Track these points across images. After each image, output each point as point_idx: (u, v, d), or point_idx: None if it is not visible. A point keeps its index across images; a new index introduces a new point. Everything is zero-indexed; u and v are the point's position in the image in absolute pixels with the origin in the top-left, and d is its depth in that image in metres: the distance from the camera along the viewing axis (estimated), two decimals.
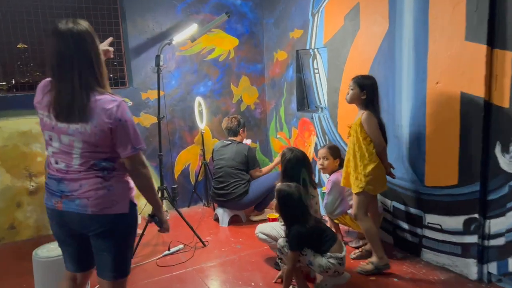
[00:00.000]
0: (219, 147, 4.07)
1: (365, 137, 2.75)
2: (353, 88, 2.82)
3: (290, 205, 2.55)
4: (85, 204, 1.71)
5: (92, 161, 1.70)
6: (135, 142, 1.71)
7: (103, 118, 1.64)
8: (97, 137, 1.66)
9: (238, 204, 3.90)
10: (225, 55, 4.55)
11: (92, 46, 1.68)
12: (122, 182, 1.77)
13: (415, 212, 3.06)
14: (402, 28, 2.98)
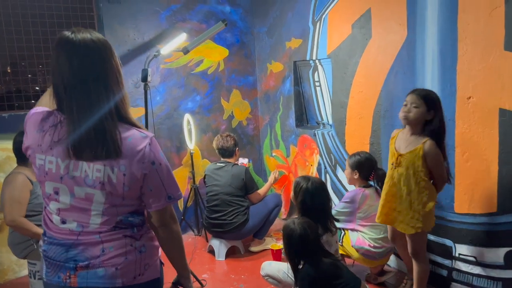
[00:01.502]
0: (212, 170, 3.62)
1: (426, 171, 2.28)
2: (418, 105, 2.21)
3: (293, 242, 2.17)
4: (112, 274, 1.28)
5: (118, 217, 1.31)
6: (171, 190, 1.33)
7: (135, 162, 1.25)
8: (126, 188, 1.27)
9: (238, 235, 3.46)
10: (214, 67, 4.14)
11: (114, 61, 1.30)
12: (153, 239, 1.39)
13: (442, 241, 2.73)
14: (424, 36, 2.66)
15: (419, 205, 2.32)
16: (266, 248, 3.59)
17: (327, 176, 3.67)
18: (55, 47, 1.25)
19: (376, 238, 2.80)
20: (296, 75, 3.94)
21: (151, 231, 1.40)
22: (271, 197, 3.73)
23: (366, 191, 2.85)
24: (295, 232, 2.19)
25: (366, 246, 2.80)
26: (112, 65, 1.29)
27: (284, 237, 2.24)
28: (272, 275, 2.58)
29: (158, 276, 1.39)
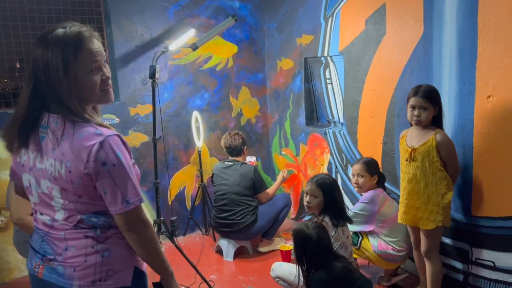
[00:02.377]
0: (220, 169, 3.55)
1: (441, 162, 2.30)
2: (426, 107, 2.28)
3: (309, 248, 2.12)
4: (70, 275, 1.24)
5: (78, 216, 1.25)
6: (128, 193, 1.22)
7: (79, 159, 1.19)
8: (75, 185, 1.21)
9: (247, 235, 3.40)
10: (223, 63, 4.07)
11: (68, 54, 1.19)
12: (123, 244, 1.29)
13: (459, 245, 2.64)
14: (441, 32, 2.56)
15: (438, 197, 2.32)
16: (275, 249, 3.52)
17: (338, 176, 3.58)
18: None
19: (398, 241, 2.71)
20: (307, 72, 3.85)
21: (124, 237, 1.29)
22: (280, 197, 3.66)
23: (384, 193, 2.78)
24: (312, 238, 2.13)
25: (390, 250, 2.71)
26: (66, 57, 1.19)
27: (298, 242, 2.18)
28: (283, 277, 2.51)
29: (128, 285, 1.29)
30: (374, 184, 2.83)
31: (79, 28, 1.23)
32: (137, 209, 1.25)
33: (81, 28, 1.23)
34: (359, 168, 2.85)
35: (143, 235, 1.28)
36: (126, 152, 1.25)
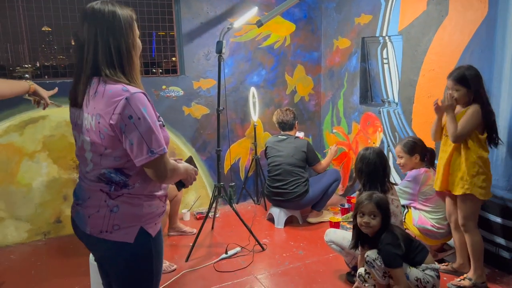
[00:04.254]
0: (274, 142, 3.76)
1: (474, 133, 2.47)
2: (458, 88, 2.46)
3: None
4: (85, 220, 1.42)
5: (101, 169, 1.38)
6: (153, 143, 1.32)
7: (107, 112, 1.31)
8: (102, 135, 1.34)
9: (298, 204, 3.60)
10: (280, 42, 4.21)
11: (119, 32, 1.37)
12: (132, 204, 1.40)
13: (506, 223, 2.70)
14: (507, 14, 2.57)
15: (468, 165, 2.46)
16: (324, 220, 3.70)
17: (390, 155, 3.68)
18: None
19: (439, 219, 2.81)
20: (364, 52, 3.92)
21: (136, 196, 1.40)
22: (331, 172, 3.81)
23: (429, 172, 2.86)
24: (384, 199, 2.31)
25: (428, 226, 2.82)
26: (118, 34, 1.36)
27: (380, 206, 2.26)
28: (336, 241, 2.69)
29: (130, 242, 1.38)
30: (417, 163, 2.92)
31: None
32: (162, 158, 1.34)
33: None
34: (398, 150, 2.98)
35: (172, 177, 1.42)
36: (150, 108, 1.34)
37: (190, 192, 4.02)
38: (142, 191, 1.41)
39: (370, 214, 2.24)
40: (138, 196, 1.40)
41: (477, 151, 2.46)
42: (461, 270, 2.72)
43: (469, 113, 2.45)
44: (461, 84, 2.44)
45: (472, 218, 2.55)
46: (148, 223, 1.42)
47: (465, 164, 2.48)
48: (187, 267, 2.97)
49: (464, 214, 2.54)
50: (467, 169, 2.47)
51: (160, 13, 3.73)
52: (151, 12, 3.70)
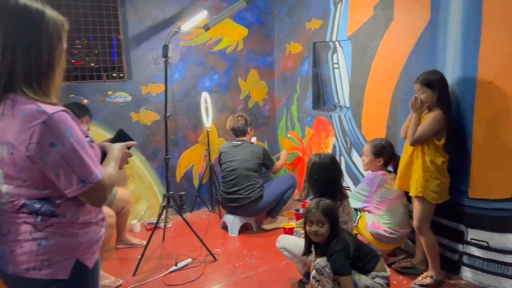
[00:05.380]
0: (229, 147, 3.69)
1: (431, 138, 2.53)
2: (424, 91, 2.51)
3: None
4: (6, 258, 1.19)
5: (22, 200, 1.17)
6: (83, 172, 1.13)
7: (22, 141, 1.09)
8: (18, 168, 1.13)
9: (252, 210, 3.53)
10: (233, 46, 4.15)
11: (45, 38, 1.15)
12: (65, 234, 1.19)
13: (455, 226, 2.75)
14: (447, 19, 2.63)
15: (423, 169, 2.53)
16: (279, 227, 3.65)
17: (342, 159, 3.69)
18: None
19: (392, 224, 2.81)
20: (315, 57, 3.93)
21: (68, 225, 1.20)
22: (286, 177, 3.79)
23: (386, 175, 2.88)
24: (332, 206, 2.28)
25: (381, 231, 2.83)
26: (49, 41, 1.16)
27: (328, 213, 2.22)
28: (288, 248, 2.63)
29: (65, 278, 1.19)
30: (379, 166, 2.93)
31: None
32: (96, 186, 1.16)
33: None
34: (366, 148, 2.99)
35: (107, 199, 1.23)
36: (76, 128, 1.14)
37: (140, 201, 3.86)
38: (75, 219, 1.21)
39: (318, 222, 2.21)
40: (71, 225, 1.20)
41: (431, 156, 2.51)
42: (419, 267, 2.80)
43: (429, 118, 2.49)
44: (426, 86, 2.50)
45: (425, 220, 2.60)
46: (85, 253, 1.24)
47: (421, 168, 2.54)
48: (134, 282, 2.83)
49: (417, 216, 2.61)
50: (422, 172, 2.53)
51: (105, 16, 3.58)
52: (95, 15, 3.54)
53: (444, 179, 2.54)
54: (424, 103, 2.51)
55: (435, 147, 2.50)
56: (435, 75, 2.49)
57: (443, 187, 2.55)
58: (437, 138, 2.49)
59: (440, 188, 2.53)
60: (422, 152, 2.53)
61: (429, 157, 2.50)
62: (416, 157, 2.57)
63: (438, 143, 2.49)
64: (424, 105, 2.52)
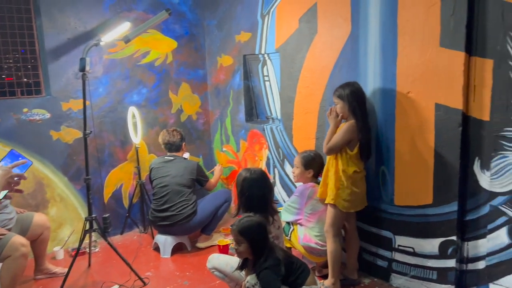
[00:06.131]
0: (160, 163, 3.54)
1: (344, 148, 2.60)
2: (337, 102, 2.60)
3: (264, 236, 2.18)
4: None
5: None
6: None
7: None
8: None
9: (186, 228, 3.38)
10: (162, 59, 4.02)
11: None
12: None
13: (383, 233, 2.79)
14: (367, 31, 2.70)
15: (336, 178, 2.60)
16: (214, 244, 3.53)
17: (276, 171, 3.66)
18: None
19: (322, 236, 2.79)
20: (246, 69, 3.90)
21: None
22: (221, 192, 3.70)
23: (316, 187, 2.87)
24: (262, 223, 2.20)
25: (313, 243, 2.81)
26: None
27: (246, 233, 2.15)
28: (219, 268, 2.52)
29: None
30: (309, 178, 2.93)
31: None
32: None
33: None
34: (297, 160, 2.98)
35: None
36: None
37: (64, 226, 3.58)
38: None
39: (236, 241, 2.15)
40: None
41: (343, 165, 2.57)
42: (351, 276, 2.82)
43: (343, 128, 2.56)
44: (339, 98, 2.58)
45: (334, 226, 2.65)
46: None
47: (334, 176, 2.60)
48: None
49: (327, 221, 2.67)
50: (334, 181, 2.59)
51: (17, 27, 3.31)
52: (6, 27, 3.27)
53: (356, 188, 2.59)
54: (339, 114, 2.58)
55: (347, 156, 2.55)
56: (347, 88, 2.56)
57: (356, 196, 2.60)
58: (350, 147, 2.55)
59: (352, 197, 2.59)
60: (336, 161, 2.59)
61: (341, 166, 2.56)
62: (331, 166, 2.62)
63: (351, 152, 2.54)
64: (339, 116, 2.59)
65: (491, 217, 2.26)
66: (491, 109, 2.18)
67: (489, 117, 2.20)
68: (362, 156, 2.60)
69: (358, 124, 2.53)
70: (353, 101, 2.53)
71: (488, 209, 2.26)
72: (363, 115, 2.56)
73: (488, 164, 2.23)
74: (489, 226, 2.27)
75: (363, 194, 2.68)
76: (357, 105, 2.54)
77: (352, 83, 2.61)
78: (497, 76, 2.14)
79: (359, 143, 2.56)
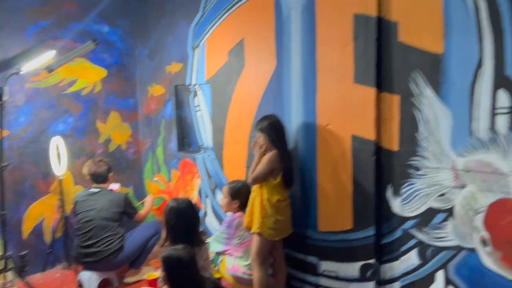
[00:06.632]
0: (85, 196, 3.39)
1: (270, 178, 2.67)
2: (259, 135, 2.71)
3: (182, 272, 2.14)
4: None
5: None
6: None
7: None
8: None
9: (112, 263, 3.25)
10: (89, 88, 3.93)
11: None
12: None
13: (309, 259, 2.89)
14: (290, 66, 2.86)
15: (261, 207, 2.65)
16: (143, 279, 3.42)
17: (208, 201, 3.67)
18: None
19: (249, 265, 2.84)
20: (178, 99, 3.93)
21: None
22: (150, 224, 3.62)
23: (243, 216, 2.91)
24: (184, 259, 2.16)
25: (240, 273, 2.84)
26: None
27: (164, 264, 2.17)
28: None
29: None
30: (236, 208, 2.98)
31: None
32: None
33: None
34: (225, 190, 3.03)
35: None
36: None
37: None
38: None
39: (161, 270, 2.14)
40: None
41: (268, 194, 2.65)
42: None
43: (266, 159, 2.65)
44: (260, 131, 2.70)
45: (259, 255, 2.69)
46: None
47: (259, 206, 2.66)
48: None
49: (254, 250, 2.70)
50: (260, 210, 2.66)
51: None
52: None
53: (280, 216, 2.67)
54: (262, 145, 2.69)
55: (271, 185, 2.65)
56: (265, 121, 2.69)
57: (280, 224, 2.68)
58: (273, 176, 2.65)
59: (276, 225, 2.66)
60: (261, 191, 2.67)
61: (266, 195, 2.65)
62: (257, 195, 2.70)
63: (274, 181, 2.64)
64: (261, 147, 2.69)
65: (403, 240, 2.44)
66: (400, 140, 2.40)
67: (398, 147, 2.41)
68: (285, 184, 2.70)
69: (279, 153, 2.65)
70: (272, 133, 2.65)
71: (401, 232, 2.44)
72: (283, 145, 2.68)
73: (399, 191, 2.42)
74: (401, 249, 2.45)
75: (288, 221, 2.77)
76: (276, 136, 2.66)
77: (270, 116, 2.73)
78: (403, 110, 2.36)
79: (282, 172, 2.67)
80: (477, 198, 2.12)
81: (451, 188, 2.21)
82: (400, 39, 2.33)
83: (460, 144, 2.16)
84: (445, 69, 2.18)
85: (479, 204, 2.12)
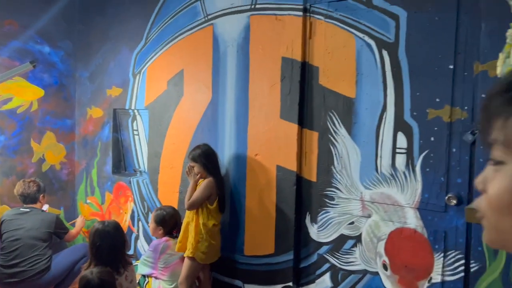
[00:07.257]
0: (14, 215, 3.32)
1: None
2: (194, 165, 2.86)
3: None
4: None
5: None
6: None
7: None
8: None
9: (37, 285, 3.17)
10: (25, 106, 3.89)
11: None
12: None
13: (235, 283, 3.03)
14: (225, 100, 3.07)
15: (195, 231, 2.79)
16: None
17: (140, 224, 3.71)
18: None
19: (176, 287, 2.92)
20: (116, 122, 3.98)
21: None
22: (78, 247, 3.61)
23: (169, 241, 3.01)
24: (92, 282, 2.20)
25: None
26: None
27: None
28: None
29: None
30: (161, 234, 3.07)
31: None
32: None
33: None
34: (152, 215, 3.14)
35: None
36: None
37: None
38: None
39: None
40: None
41: (204, 219, 2.79)
42: None
43: (202, 185, 2.80)
44: (193, 160, 2.86)
45: (189, 278, 2.80)
46: None
47: (194, 230, 2.78)
48: None
49: (183, 273, 2.80)
50: (194, 234, 2.77)
51: None
52: None
53: (213, 241, 2.82)
54: (197, 173, 2.84)
55: (208, 211, 2.80)
56: (198, 150, 2.87)
57: (212, 248, 2.83)
58: (210, 202, 2.80)
59: (209, 250, 2.80)
60: (197, 216, 2.80)
61: (202, 220, 2.78)
62: (192, 220, 2.83)
63: (211, 207, 2.79)
64: (196, 174, 2.84)
65: (318, 264, 2.66)
66: (317, 172, 2.66)
67: (316, 178, 2.66)
68: (220, 209, 2.86)
69: (215, 180, 2.82)
70: (205, 161, 2.83)
71: (316, 257, 2.67)
72: (216, 172, 2.85)
73: (316, 218, 2.66)
74: (317, 272, 2.67)
75: (219, 246, 2.91)
76: (209, 164, 2.83)
77: (202, 145, 2.91)
78: (321, 145, 2.63)
79: (217, 198, 2.83)
80: (380, 227, 2.41)
81: (359, 217, 2.48)
82: (320, 82, 2.62)
83: (367, 178, 2.45)
84: (356, 111, 2.49)
85: (382, 232, 2.40)
